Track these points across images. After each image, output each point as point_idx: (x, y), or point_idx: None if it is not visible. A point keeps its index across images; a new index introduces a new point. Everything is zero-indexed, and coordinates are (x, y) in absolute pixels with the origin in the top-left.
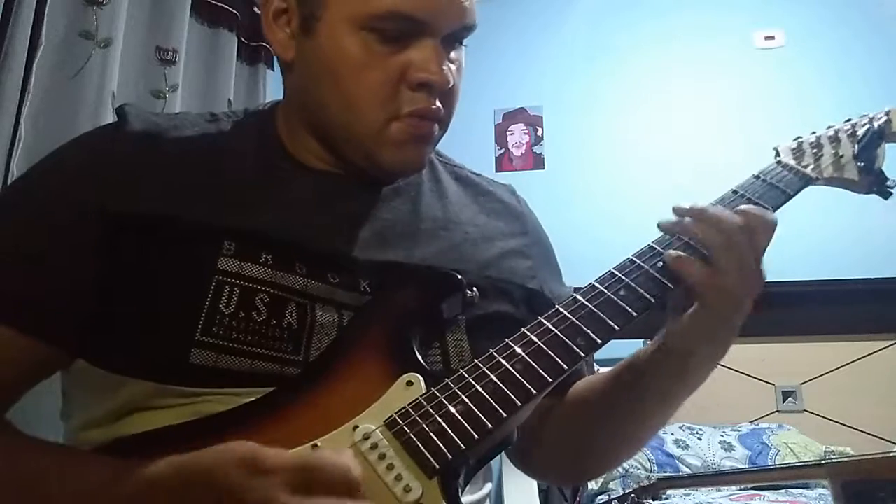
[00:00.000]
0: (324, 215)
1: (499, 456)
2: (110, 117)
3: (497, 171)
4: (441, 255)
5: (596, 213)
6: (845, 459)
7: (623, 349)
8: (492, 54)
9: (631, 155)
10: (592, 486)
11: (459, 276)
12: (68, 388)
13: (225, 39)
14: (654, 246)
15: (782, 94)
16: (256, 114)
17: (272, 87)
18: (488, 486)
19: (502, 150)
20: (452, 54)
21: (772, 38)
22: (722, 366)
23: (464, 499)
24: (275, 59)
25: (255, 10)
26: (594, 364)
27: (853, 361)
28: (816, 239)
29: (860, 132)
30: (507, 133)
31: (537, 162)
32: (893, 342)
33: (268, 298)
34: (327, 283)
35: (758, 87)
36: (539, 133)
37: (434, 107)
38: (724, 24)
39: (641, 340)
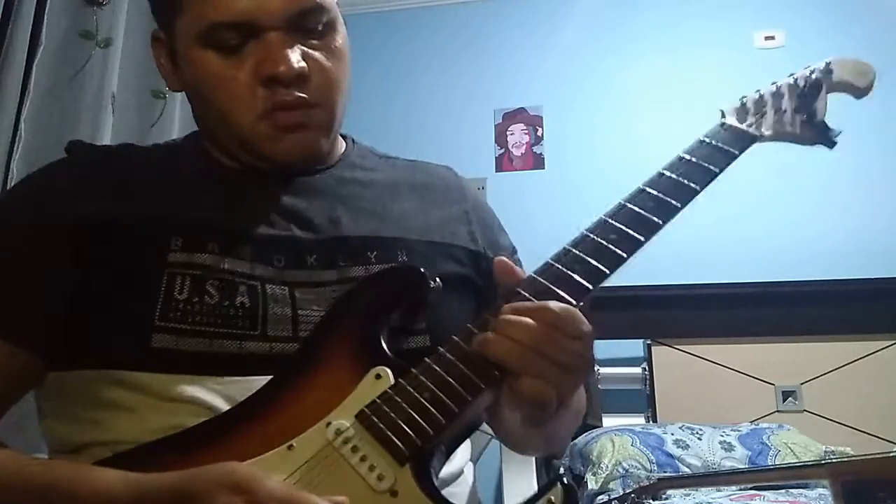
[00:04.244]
0: (262, 206)
1: (498, 452)
2: (110, 117)
3: (497, 171)
4: (383, 227)
5: (596, 213)
6: (845, 459)
7: (625, 350)
8: (492, 54)
9: (631, 155)
10: (592, 486)
11: (423, 271)
12: (42, 402)
13: None
14: (606, 218)
15: None
16: (191, 135)
17: None
18: (466, 456)
19: (502, 150)
20: (312, 40)
21: (772, 38)
22: (722, 366)
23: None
24: None
25: None
26: (596, 365)
27: (853, 361)
28: (816, 239)
29: (801, 84)
30: (507, 133)
31: (537, 162)
32: (893, 342)
33: (218, 283)
34: (273, 266)
35: (758, 87)
36: (539, 133)
37: (292, 97)
38: (725, 24)
39: (641, 340)
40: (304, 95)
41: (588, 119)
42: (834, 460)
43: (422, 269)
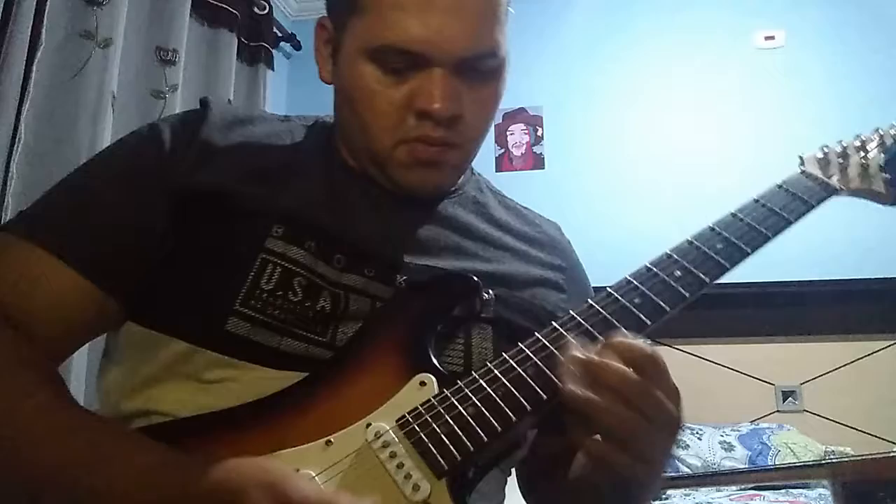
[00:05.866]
0: (370, 217)
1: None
2: (110, 117)
3: (497, 171)
4: (479, 271)
5: (596, 213)
6: (845, 459)
7: None
8: None
9: (631, 155)
10: None
11: (476, 279)
12: (111, 345)
13: (225, 39)
14: (672, 254)
15: (782, 95)
16: (324, 123)
17: (272, 87)
18: (501, 483)
19: (502, 150)
20: (475, 83)
21: (772, 38)
22: (722, 366)
23: None
24: (274, 59)
25: (255, 10)
26: None
27: (853, 361)
28: (816, 239)
29: (889, 142)
30: (507, 133)
31: (537, 162)
32: (893, 342)
33: (304, 282)
34: (363, 276)
35: (758, 87)
36: (539, 133)
37: (437, 135)
38: (724, 24)
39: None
40: (449, 136)
41: (588, 119)
42: (834, 460)
43: (476, 278)
